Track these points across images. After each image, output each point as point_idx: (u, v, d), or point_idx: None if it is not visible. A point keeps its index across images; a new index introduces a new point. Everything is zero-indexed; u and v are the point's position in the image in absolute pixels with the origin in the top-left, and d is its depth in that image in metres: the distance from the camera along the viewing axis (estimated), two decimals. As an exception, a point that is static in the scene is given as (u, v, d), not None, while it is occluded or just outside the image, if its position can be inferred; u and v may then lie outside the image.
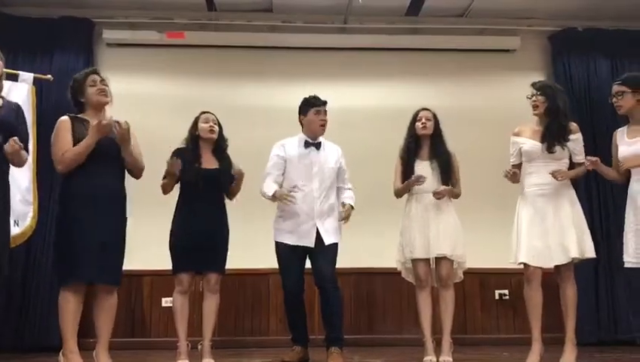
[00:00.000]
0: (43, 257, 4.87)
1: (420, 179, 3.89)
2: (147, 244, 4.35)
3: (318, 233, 3.87)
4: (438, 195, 3.91)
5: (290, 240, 3.89)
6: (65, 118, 3.41)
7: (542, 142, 3.74)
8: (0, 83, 3.28)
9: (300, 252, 3.89)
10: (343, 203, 3.98)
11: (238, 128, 4.36)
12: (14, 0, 5.33)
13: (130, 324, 5.02)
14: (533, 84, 3.87)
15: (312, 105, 4.02)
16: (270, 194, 3.82)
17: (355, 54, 5.62)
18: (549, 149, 3.70)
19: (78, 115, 3.46)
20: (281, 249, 3.93)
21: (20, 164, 3.26)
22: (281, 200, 3.78)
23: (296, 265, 3.90)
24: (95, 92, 3.44)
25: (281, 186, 3.92)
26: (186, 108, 4.24)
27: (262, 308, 5.14)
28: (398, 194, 4.08)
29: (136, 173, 3.56)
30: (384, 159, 4.33)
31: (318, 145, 4.02)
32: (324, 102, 4.04)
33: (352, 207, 3.94)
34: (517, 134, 3.90)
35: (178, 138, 4.01)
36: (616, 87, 3.67)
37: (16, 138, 3.05)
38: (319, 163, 3.97)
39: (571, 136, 3.75)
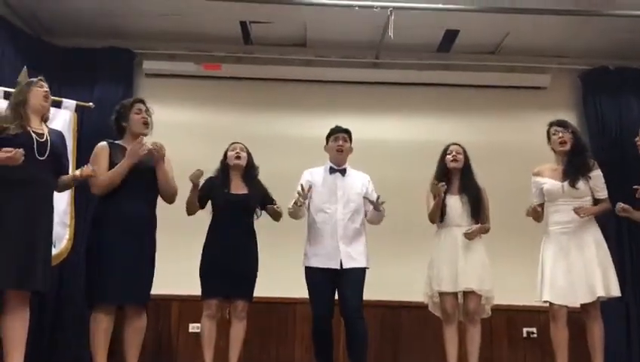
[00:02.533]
0: (75, 278, 4.97)
1: (441, 185, 3.90)
2: (176, 270, 4.42)
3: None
4: (469, 236, 3.92)
5: (316, 263, 3.91)
6: (103, 143, 3.56)
7: (563, 180, 3.78)
8: (48, 113, 3.47)
9: (327, 275, 3.87)
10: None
11: (270, 158, 4.46)
12: (59, 30, 5.56)
13: (157, 349, 5.06)
14: (557, 123, 3.92)
15: (331, 134, 4.14)
16: (290, 205, 3.90)
17: (387, 89, 5.71)
18: (573, 184, 3.73)
19: (116, 142, 3.60)
20: (309, 273, 3.95)
21: (66, 189, 3.40)
22: (298, 197, 3.82)
23: (324, 289, 3.89)
24: (138, 120, 3.59)
25: (308, 208, 4.00)
26: (220, 138, 4.36)
27: (288, 337, 5.14)
28: (432, 217, 4.06)
29: (169, 198, 3.65)
30: (412, 193, 4.37)
31: (343, 172, 4.09)
32: (342, 130, 4.12)
33: (376, 204, 3.92)
34: (537, 174, 3.94)
35: (212, 167, 4.14)
36: None
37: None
38: (344, 187, 4.03)
39: (591, 174, 3.77)
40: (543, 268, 3.78)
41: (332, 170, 4.09)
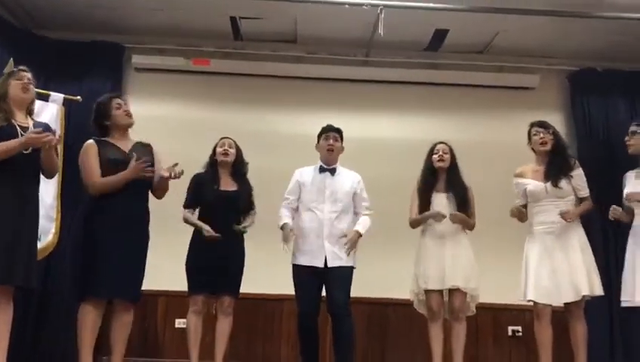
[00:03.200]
0: (61, 273, 4.95)
1: (438, 217, 3.93)
2: (163, 264, 4.38)
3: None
4: (452, 217, 3.93)
5: (302, 261, 3.92)
6: (91, 141, 3.53)
7: (545, 181, 3.82)
8: (32, 105, 3.43)
9: (313, 273, 3.88)
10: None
11: (259, 155, 4.45)
12: (48, 23, 5.52)
13: (143, 344, 5.04)
14: (538, 124, 3.98)
15: (322, 132, 4.14)
16: (280, 224, 3.93)
17: (376, 87, 5.72)
18: (556, 184, 3.77)
19: (102, 138, 3.58)
20: (296, 270, 3.96)
21: (51, 168, 3.37)
22: (283, 238, 3.86)
23: (309, 287, 3.89)
24: (122, 114, 3.58)
25: (296, 210, 4.02)
26: (209, 133, 4.36)
27: (274, 334, 5.15)
28: (414, 225, 4.13)
29: (160, 195, 3.66)
30: (400, 190, 4.38)
31: (332, 171, 4.08)
32: (333, 129, 4.12)
33: (360, 234, 3.91)
34: (519, 175, 3.99)
35: (200, 162, 4.14)
36: (632, 127, 3.74)
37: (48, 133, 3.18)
38: (332, 187, 4.02)
39: (573, 173, 3.82)
40: (527, 268, 3.82)
41: (322, 169, 4.09)
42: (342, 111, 5.42)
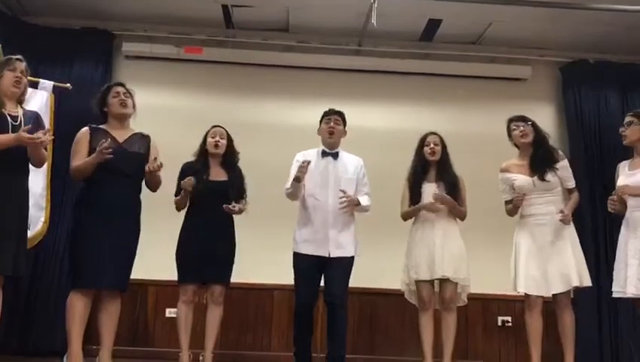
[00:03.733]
0: (50, 262, 4.94)
1: (432, 208, 3.94)
2: (153, 254, 4.37)
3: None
4: (434, 196, 3.91)
5: (306, 249, 3.88)
6: (85, 129, 3.56)
7: (532, 175, 3.84)
8: (23, 95, 3.41)
9: (316, 263, 3.86)
10: None
11: (250, 143, 4.42)
12: (38, 10, 5.46)
13: (133, 333, 5.04)
14: (516, 118, 4.01)
15: (323, 116, 4.12)
16: (289, 183, 3.86)
17: (368, 76, 5.70)
18: (543, 178, 3.79)
19: (100, 126, 3.58)
20: (298, 259, 3.91)
21: (39, 160, 3.35)
22: (300, 172, 3.77)
23: (310, 277, 3.88)
24: (116, 102, 3.57)
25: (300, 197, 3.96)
26: (200, 121, 4.33)
27: (265, 324, 5.15)
28: (405, 217, 4.13)
29: (153, 187, 3.67)
30: (391, 180, 4.38)
31: (335, 155, 4.05)
32: (335, 112, 4.10)
33: (359, 202, 3.91)
34: (505, 170, 4.00)
35: (191, 151, 4.11)
36: (627, 117, 3.75)
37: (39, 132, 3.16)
38: (336, 173, 3.99)
39: (558, 165, 3.83)
40: (517, 259, 3.83)
41: (324, 154, 4.04)
42: (334, 100, 5.30)
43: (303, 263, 3.88)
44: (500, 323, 5.25)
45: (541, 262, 3.74)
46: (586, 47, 5.70)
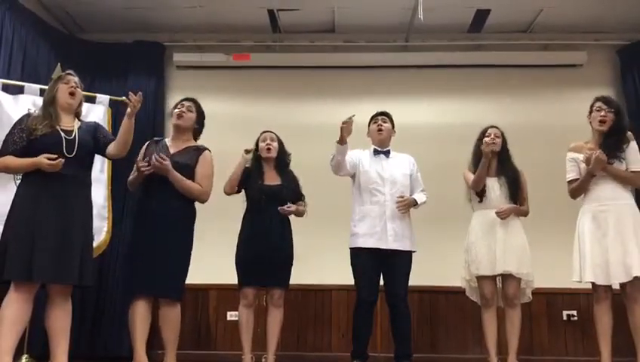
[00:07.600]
0: (115, 270, 5.08)
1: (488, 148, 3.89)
2: (214, 259, 4.47)
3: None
4: (501, 215, 3.87)
5: (365, 243, 3.90)
6: (147, 143, 3.78)
7: None
8: (80, 107, 3.51)
9: (375, 257, 3.88)
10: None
11: (301, 146, 4.45)
12: (92, 27, 5.65)
13: (197, 337, 5.14)
14: (603, 99, 3.79)
15: (371, 119, 4.19)
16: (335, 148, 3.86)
17: (418, 72, 5.64)
18: (610, 164, 3.64)
19: (163, 139, 3.81)
20: (357, 254, 3.93)
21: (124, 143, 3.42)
22: (344, 130, 3.78)
23: (371, 273, 3.89)
24: (174, 114, 3.81)
25: (358, 188, 4.03)
26: (252, 127, 4.37)
27: (324, 324, 5.16)
28: (476, 184, 3.99)
29: (193, 199, 3.66)
30: (447, 176, 4.33)
31: (387, 153, 4.11)
32: (381, 113, 4.17)
33: (416, 202, 3.96)
34: (574, 150, 3.83)
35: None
36: None
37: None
38: (390, 168, 4.04)
39: (625, 146, 3.67)
40: (581, 247, 3.68)
41: (376, 152, 4.11)
42: (382, 97, 5.35)
43: (362, 258, 3.89)
44: (565, 318, 5.10)
45: (604, 250, 3.60)
46: (645, 28, 5.48)
